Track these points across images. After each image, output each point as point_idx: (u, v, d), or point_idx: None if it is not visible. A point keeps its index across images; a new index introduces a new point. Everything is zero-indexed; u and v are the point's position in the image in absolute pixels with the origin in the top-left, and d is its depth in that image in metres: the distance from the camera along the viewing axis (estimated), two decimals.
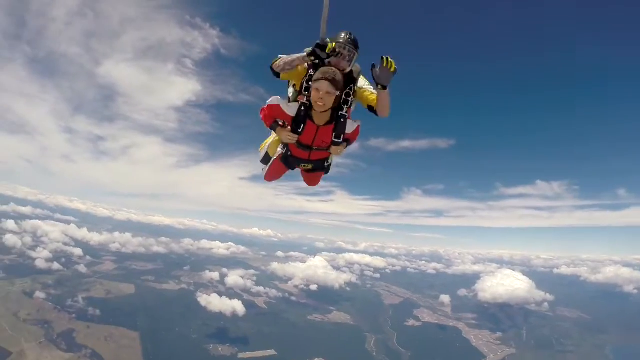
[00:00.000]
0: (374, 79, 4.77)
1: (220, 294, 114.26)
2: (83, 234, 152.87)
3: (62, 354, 68.84)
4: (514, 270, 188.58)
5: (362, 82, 5.44)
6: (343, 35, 5.09)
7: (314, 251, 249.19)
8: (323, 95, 4.64)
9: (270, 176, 6.47)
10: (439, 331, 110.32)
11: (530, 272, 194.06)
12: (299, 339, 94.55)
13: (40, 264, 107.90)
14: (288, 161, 5.78)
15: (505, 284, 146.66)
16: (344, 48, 5.03)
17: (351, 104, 5.32)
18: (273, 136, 5.88)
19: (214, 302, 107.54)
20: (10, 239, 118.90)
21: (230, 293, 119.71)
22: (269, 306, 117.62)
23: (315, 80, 4.68)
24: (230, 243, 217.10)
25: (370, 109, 5.30)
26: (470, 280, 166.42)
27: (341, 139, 5.22)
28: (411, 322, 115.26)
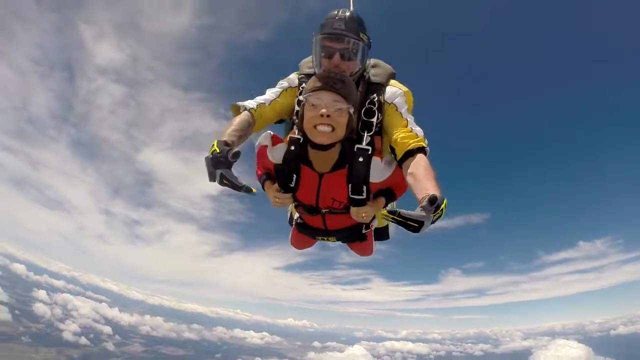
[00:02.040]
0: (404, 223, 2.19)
1: None
2: (114, 313, 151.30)
3: None
4: (567, 339, 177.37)
5: (395, 94, 3.07)
6: (328, 15, 3.09)
7: (352, 341, 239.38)
8: (326, 114, 2.54)
9: (295, 243, 4.20)
10: None
11: (586, 339, 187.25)
12: None
13: (67, 336, 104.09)
14: (305, 231, 3.52)
15: (560, 356, 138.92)
16: (333, 39, 2.98)
17: (378, 126, 2.97)
18: None
19: None
20: (40, 308, 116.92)
21: None
22: None
23: (308, 93, 2.64)
24: (264, 333, 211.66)
25: (392, 151, 2.89)
26: (521, 357, 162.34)
27: (364, 193, 2.81)
28: None
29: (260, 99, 3.11)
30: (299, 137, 2.80)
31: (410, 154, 2.71)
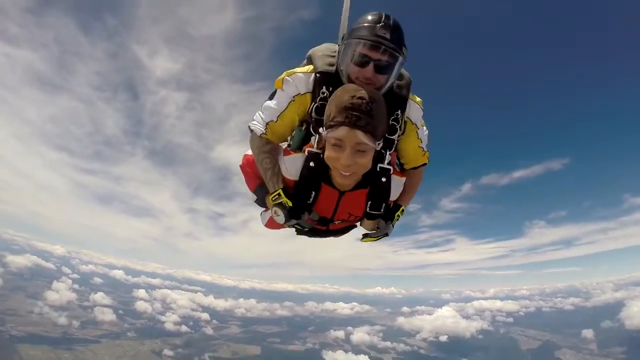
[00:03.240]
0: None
1: (346, 352, 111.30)
2: (209, 301, 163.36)
3: None
4: None
5: (418, 113, 2.91)
6: (367, 21, 2.54)
7: (440, 303, 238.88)
8: (350, 157, 2.29)
9: (272, 226, 3.53)
10: None
11: None
12: None
13: (169, 326, 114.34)
14: (302, 232, 3.14)
15: None
16: (375, 48, 2.47)
17: (397, 145, 2.84)
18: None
19: (339, 359, 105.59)
20: (141, 305, 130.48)
21: (357, 350, 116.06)
22: None
23: (330, 126, 2.29)
24: (353, 303, 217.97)
25: (399, 162, 3.06)
26: (613, 309, 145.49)
27: (382, 209, 2.80)
28: None
29: (266, 117, 2.84)
30: (318, 151, 2.59)
31: (414, 168, 3.04)
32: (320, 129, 2.39)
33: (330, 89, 2.60)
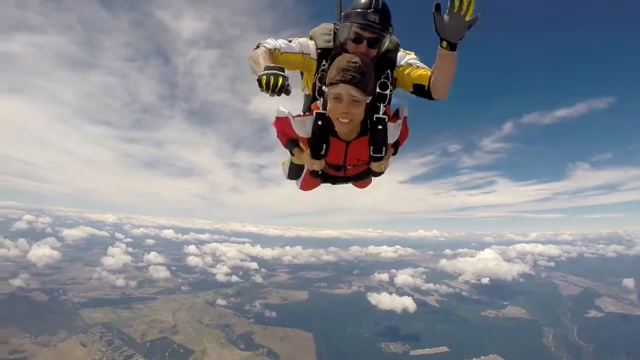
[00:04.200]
0: (437, 31, 2.77)
1: (390, 293, 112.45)
2: (257, 250, 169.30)
3: (240, 353, 72.40)
4: None
5: (402, 57, 3.59)
6: (359, 4, 3.29)
7: (482, 246, 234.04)
8: (347, 106, 2.97)
9: (308, 187, 4.63)
10: (624, 322, 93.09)
11: None
12: (472, 336, 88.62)
13: (220, 278, 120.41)
14: (322, 178, 3.97)
15: None
16: (365, 28, 3.25)
17: (390, 98, 3.51)
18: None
19: (384, 300, 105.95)
20: (192, 260, 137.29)
21: (400, 292, 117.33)
22: (440, 304, 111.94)
23: (331, 84, 2.97)
24: (397, 246, 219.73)
25: (419, 90, 3.42)
26: None
27: (383, 152, 3.45)
28: (593, 313, 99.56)
29: (275, 43, 3.42)
30: (324, 112, 3.21)
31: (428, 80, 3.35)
32: (324, 88, 3.06)
33: (329, 61, 3.34)
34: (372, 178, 4.19)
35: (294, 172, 4.48)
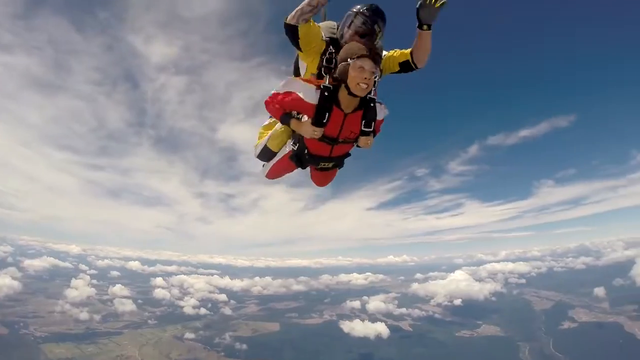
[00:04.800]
0: (417, 17, 3.91)
1: (363, 320, 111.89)
2: (226, 282, 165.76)
3: None
4: None
5: (385, 53, 4.57)
6: (363, 8, 4.23)
7: (453, 268, 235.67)
8: (369, 74, 3.72)
9: (275, 174, 5.28)
10: (598, 330, 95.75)
11: None
12: (449, 357, 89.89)
13: (188, 310, 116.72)
14: (302, 160, 4.62)
15: None
16: (366, 22, 4.18)
17: (377, 85, 4.19)
18: (275, 126, 4.84)
19: (357, 327, 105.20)
20: (159, 293, 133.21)
21: (373, 318, 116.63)
22: (414, 328, 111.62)
23: (358, 57, 3.72)
24: (367, 273, 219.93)
25: (404, 66, 4.40)
26: (625, 267, 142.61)
27: (372, 127, 4.25)
28: (567, 325, 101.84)
29: None
30: (330, 86, 3.92)
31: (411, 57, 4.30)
32: (349, 60, 3.71)
33: (334, 49, 4.16)
34: (336, 173, 5.17)
35: (266, 154, 4.97)
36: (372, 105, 4.09)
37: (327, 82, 3.94)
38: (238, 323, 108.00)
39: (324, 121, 3.98)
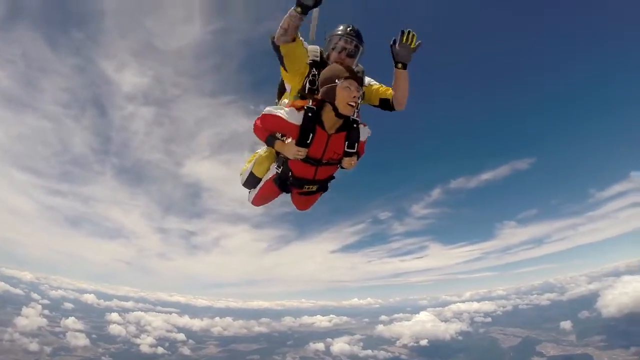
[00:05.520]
0: (393, 57, 4.22)
1: None
2: (185, 321, 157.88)
3: None
4: (634, 276, 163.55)
5: (368, 80, 4.84)
6: (342, 27, 4.51)
7: (417, 310, 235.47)
8: (356, 93, 3.91)
9: (260, 200, 5.26)
10: None
11: None
12: None
13: (144, 349, 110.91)
14: (285, 184, 4.59)
15: (628, 292, 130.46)
16: (348, 42, 4.45)
17: (359, 106, 4.45)
18: (259, 152, 4.91)
19: None
20: (114, 329, 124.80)
21: None
22: None
23: (344, 78, 3.90)
24: (331, 315, 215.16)
25: (384, 103, 4.68)
26: (589, 300, 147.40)
27: (355, 148, 4.34)
28: None
29: None
30: (313, 107, 4.00)
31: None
32: (335, 81, 3.87)
33: (317, 70, 4.29)
34: (319, 197, 5.19)
35: (251, 181, 4.98)
36: (355, 126, 4.20)
37: (310, 104, 4.03)
38: None
39: (308, 142, 4.05)
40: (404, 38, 4.02)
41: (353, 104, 3.83)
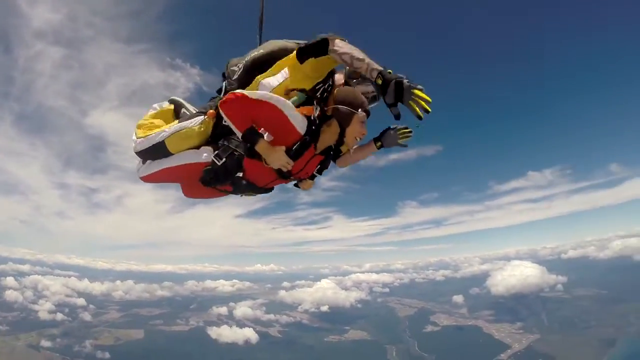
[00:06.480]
0: (380, 135, 4.10)
1: (231, 326, 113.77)
2: (84, 285, 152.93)
3: None
4: (522, 261, 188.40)
5: None
6: (372, 90, 3.81)
7: (319, 278, 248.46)
8: (365, 133, 3.55)
9: (157, 179, 3.92)
10: (459, 332, 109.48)
11: (539, 261, 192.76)
12: None
13: (43, 315, 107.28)
14: (221, 178, 3.46)
15: (516, 274, 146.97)
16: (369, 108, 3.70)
17: None
18: (187, 124, 3.56)
19: (225, 333, 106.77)
20: (11, 295, 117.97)
21: (241, 324, 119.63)
22: (283, 334, 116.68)
23: (364, 111, 3.45)
24: (234, 280, 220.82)
25: (334, 153, 3.99)
26: (480, 279, 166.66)
27: (321, 174, 4.00)
28: (429, 328, 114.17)
29: None
30: (315, 119, 3.35)
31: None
32: (357, 110, 3.37)
33: (330, 86, 3.63)
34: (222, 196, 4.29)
35: (154, 153, 3.65)
36: (331, 153, 3.80)
37: (316, 114, 3.35)
38: (99, 330, 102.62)
39: (299, 155, 3.38)
40: (402, 132, 3.90)
41: (359, 139, 3.51)
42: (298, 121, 3.25)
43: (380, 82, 2.96)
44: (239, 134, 3.26)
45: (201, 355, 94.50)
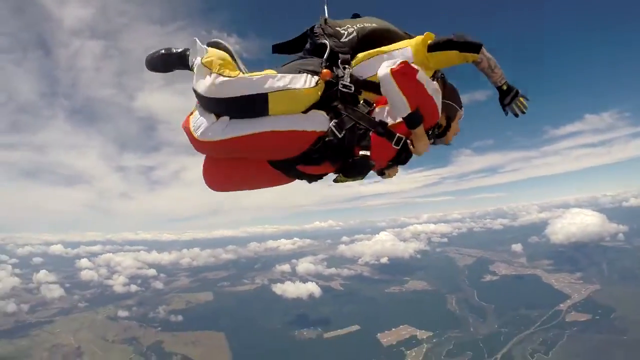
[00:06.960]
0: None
1: (294, 282, 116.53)
2: (154, 257, 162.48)
3: None
4: (582, 210, 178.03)
5: None
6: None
7: (377, 230, 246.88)
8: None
9: (235, 145, 2.61)
10: (518, 281, 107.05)
11: (600, 209, 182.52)
12: (380, 312, 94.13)
13: (118, 289, 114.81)
14: (335, 155, 2.76)
15: (576, 223, 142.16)
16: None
17: None
18: (298, 85, 2.58)
19: (289, 289, 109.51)
20: (86, 274, 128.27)
21: (304, 279, 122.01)
22: (345, 287, 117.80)
23: (461, 110, 3.47)
24: (295, 239, 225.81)
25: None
26: (539, 227, 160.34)
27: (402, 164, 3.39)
28: (488, 278, 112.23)
29: None
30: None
31: None
32: (459, 109, 3.38)
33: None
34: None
35: (249, 105, 2.50)
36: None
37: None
38: (171, 296, 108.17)
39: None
40: (520, 103, 3.17)
41: (455, 135, 3.45)
42: (440, 109, 2.98)
43: (505, 88, 3.17)
44: (405, 112, 2.71)
45: (268, 311, 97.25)
